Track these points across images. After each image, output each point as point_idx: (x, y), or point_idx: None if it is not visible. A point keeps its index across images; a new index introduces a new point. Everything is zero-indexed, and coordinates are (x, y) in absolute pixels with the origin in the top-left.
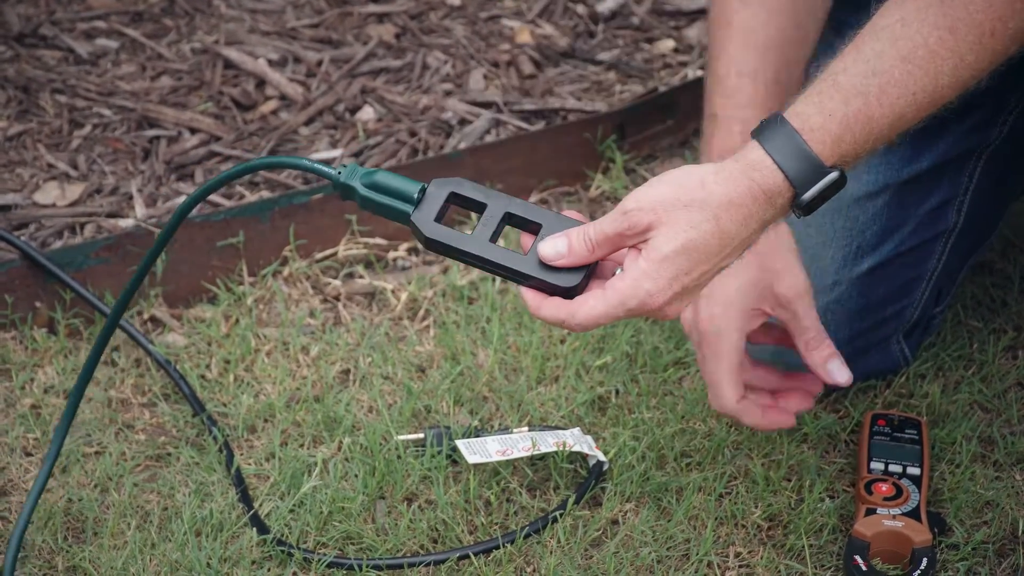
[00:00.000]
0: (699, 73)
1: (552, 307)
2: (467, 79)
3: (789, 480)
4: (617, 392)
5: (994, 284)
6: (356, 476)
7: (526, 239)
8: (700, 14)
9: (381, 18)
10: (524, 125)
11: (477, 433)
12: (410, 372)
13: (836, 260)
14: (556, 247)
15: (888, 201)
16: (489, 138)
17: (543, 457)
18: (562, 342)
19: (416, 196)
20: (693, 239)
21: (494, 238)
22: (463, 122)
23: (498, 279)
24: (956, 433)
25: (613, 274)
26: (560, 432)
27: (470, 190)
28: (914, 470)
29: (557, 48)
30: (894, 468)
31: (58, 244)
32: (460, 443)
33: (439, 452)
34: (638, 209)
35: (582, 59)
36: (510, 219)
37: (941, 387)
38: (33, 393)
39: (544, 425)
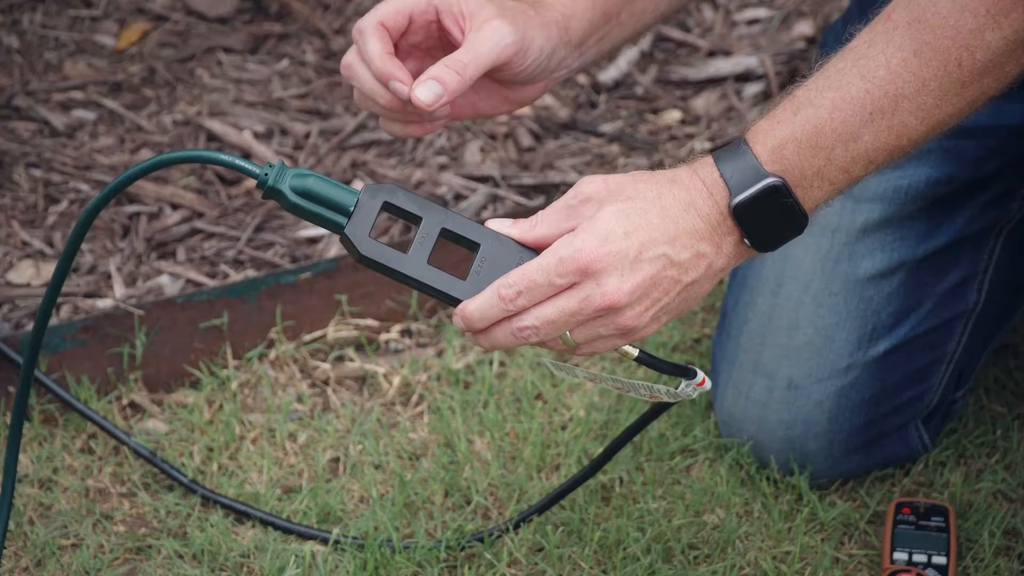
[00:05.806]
0: (707, 145)
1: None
2: (463, 152)
3: (802, 574)
4: (621, 481)
5: (1018, 367)
6: (347, 571)
7: None
8: (708, 84)
9: None
10: (523, 200)
11: None
12: (403, 460)
13: (850, 343)
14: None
15: (904, 280)
16: (486, 214)
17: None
18: (563, 428)
19: (351, 208)
20: (633, 202)
21: (431, 258)
22: (459, 197)
23: (495, 362)
24: (979, 525)
25: None
26: (654, 387)
27: (404, 200)
28: (940, 559)
29: (557, 119)
30: (919, 557)
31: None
32: (547, 361)
33: None
34: (586, 182)
35: (583, 131)
36: (446, 235)
37: (963, 475)
38: None
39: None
